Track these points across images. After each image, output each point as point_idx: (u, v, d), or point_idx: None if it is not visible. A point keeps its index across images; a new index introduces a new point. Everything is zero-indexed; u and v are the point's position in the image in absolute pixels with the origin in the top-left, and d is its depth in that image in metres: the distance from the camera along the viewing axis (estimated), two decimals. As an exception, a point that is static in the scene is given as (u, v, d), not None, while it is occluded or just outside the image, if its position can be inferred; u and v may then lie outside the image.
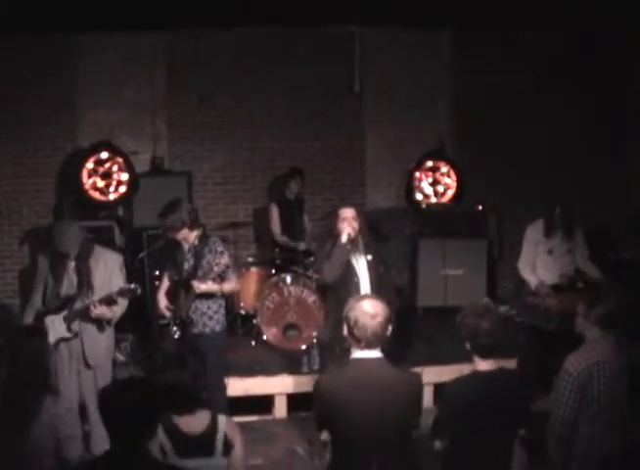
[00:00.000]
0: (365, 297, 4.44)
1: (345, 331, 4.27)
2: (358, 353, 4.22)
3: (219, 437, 4.19)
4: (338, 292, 6.34)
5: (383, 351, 4.24)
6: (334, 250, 6.34)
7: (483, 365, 4.38)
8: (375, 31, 9.77)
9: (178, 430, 4.13)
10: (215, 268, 6.34)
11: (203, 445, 4.14)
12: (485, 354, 4.36)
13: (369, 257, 6.45)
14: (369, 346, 4.17)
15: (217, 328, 6.58)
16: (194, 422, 4.20)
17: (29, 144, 9.46)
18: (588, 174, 9.93)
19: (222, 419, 4.29)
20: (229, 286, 6.58)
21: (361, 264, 6.44)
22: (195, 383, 4.27)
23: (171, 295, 6.66)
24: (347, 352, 6.16)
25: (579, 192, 9.17)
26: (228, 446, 4.21)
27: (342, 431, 4.16)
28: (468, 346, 4.39)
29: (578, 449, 4.66)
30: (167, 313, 6.65)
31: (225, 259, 6.37)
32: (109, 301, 6.11)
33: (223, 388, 6.66)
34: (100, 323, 6.22)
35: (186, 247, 6.60)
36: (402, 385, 4.21)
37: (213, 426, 4.22)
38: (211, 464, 3.89)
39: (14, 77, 9.21)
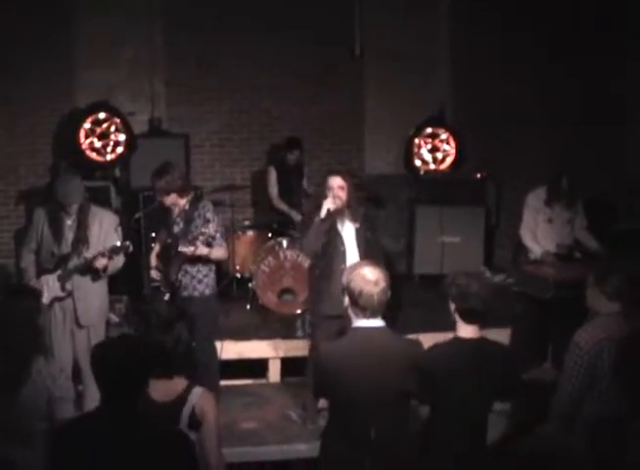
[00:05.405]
0: (362, 264, 4.28)
1: (347, 302, 4.20)
2: (361, 322, 4.16)
3: (186, 408, 3.98)
4: (321, 261, 6.31)
5: (384, 318, 4.18)
6: (310, 227, 6.23)
7: (466, 331, 4.23)
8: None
9: (147, 396, 3.91)
10: (200, 237, 6.26)
11: (168, 414, 3.93)
12: (469, 319, 4.21)
13: (356, 225, 6.32)
14: (374, 314, 4.12)
15: (207, 292, 6.53)
16: (165, 390, 4.01)
17: (26, 104, 9.34)
18: (588, 142, 9.85)
19: (197, 391, 4.06)
20: (217, 252, 6.45)
21: (348, 233, 6.31)
22: (176, 348, 4.07)
23: (162, 258, 6.63)
24: (329, 318, 6.19)
25: (579, 160, 9.11)
26: (196, 420, 3.99)
27: (342, 398, 4.13)
28: (452, 307, 4.25)
29: (583, 425, 4.47)
30: (157, 276, 6.63)
31: (210, 230, 6.26)
32: (103, 256, 6.11)
33: (214, 352, 6.65)
34: (95, 276, 6.21)
35: (176, 211, 6.55)
36: (404, 353, 4.16)
37: (184, 397, 4.01)
38: None
39: (9, 37, 9.09)
